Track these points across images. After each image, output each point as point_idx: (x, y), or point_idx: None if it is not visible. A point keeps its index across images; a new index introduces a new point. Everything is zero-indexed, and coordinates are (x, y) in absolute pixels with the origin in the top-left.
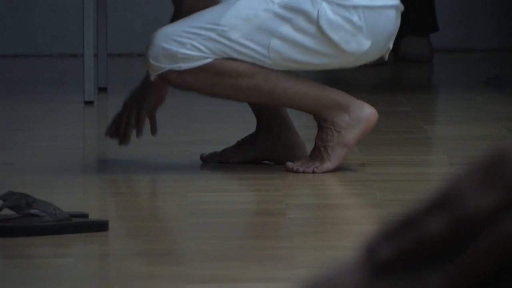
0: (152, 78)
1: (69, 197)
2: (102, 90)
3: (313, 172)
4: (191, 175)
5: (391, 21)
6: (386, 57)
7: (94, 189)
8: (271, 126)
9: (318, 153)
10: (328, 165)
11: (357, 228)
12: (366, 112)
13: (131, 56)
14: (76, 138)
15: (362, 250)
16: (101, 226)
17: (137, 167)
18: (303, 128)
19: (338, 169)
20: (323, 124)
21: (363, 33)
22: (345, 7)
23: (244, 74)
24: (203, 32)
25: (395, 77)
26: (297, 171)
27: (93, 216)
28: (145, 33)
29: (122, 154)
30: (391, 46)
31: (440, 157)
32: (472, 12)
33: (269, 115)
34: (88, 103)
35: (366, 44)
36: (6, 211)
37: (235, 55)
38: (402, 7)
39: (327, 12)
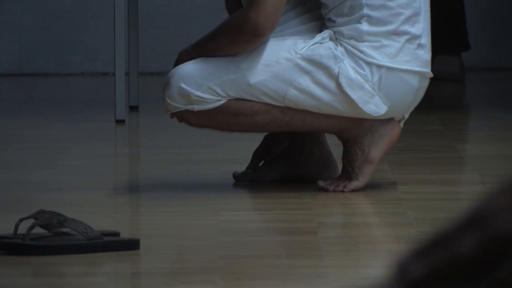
0: (167, 114)
1: (101, 215)
2: (134, 108)
3: (342, 191)
4: (222, 194)
5: (411, 91)
6: (401, 125)
7: (126, 207)
8: (304, 143)
9: (346, 173)
10: (356, 183)
11: (389, 247)
12: (388, 126)
13: (162, 75)
14: (108, 156)
15: (393, 268)
16: (132, 244)
17: (168, 185)
18: (337, 146)
19: (369, 188)
20: (347, 144)
21: (381, 96)
22: (368, 64)
23: (260, 112)
24: (222, 74)
25: (427, 95)
26: (327, 190)
27: (125, 234)
28: (176, 52)
29: (153, 173)
30: (406, 116)
31: (471, 176)
32: (504, 30)
33: (303, 132)
34: (120, 121)
35: (383, 107)
36: (38, 230)
37: (251, 99)
38: (430, 75)
39: (348, 70)
